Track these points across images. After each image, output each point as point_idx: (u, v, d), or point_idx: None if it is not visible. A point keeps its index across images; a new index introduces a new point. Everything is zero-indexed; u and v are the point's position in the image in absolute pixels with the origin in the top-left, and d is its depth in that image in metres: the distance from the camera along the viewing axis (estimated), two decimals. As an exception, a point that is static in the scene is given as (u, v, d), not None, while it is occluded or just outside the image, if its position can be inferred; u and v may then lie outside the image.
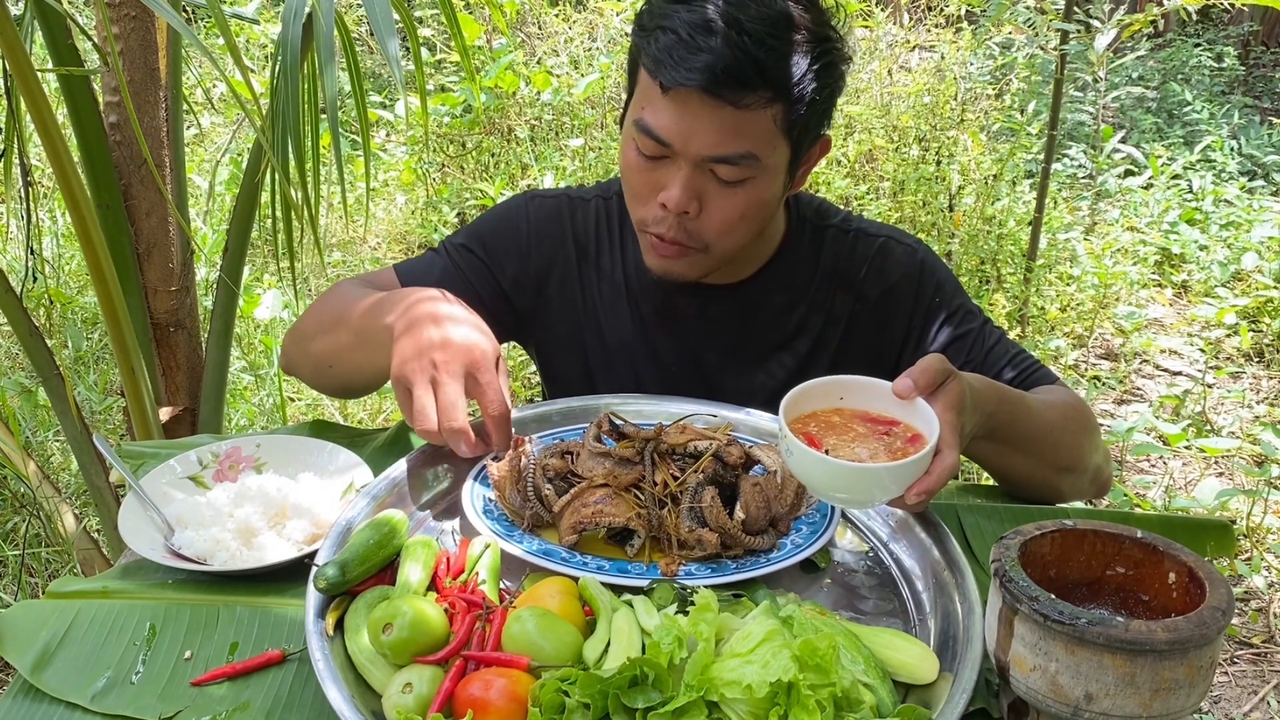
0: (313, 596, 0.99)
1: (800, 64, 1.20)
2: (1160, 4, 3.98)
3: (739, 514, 1.09)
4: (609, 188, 1.51)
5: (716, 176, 1.24)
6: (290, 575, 1.11)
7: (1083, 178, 5.33)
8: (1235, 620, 2.73)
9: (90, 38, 2.12)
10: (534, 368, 3.84)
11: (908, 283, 1.45)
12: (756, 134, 1.21)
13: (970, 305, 1.47)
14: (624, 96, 1.40)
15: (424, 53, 5.14)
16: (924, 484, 1.01)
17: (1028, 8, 5.15)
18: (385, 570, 1.05)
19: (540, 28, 5.46)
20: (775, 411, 1.44)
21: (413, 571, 1.02)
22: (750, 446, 1.21)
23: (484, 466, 1.21)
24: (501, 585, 1.05)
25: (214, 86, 5.32)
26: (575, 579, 1.01)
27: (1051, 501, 1.35)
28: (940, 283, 1.46)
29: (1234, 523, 2.87)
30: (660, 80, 1.20)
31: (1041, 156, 4.02)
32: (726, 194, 1.25)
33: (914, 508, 1.03)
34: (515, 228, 1.48)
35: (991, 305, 3.87)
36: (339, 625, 0.98)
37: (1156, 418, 3.52)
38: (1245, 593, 2.81)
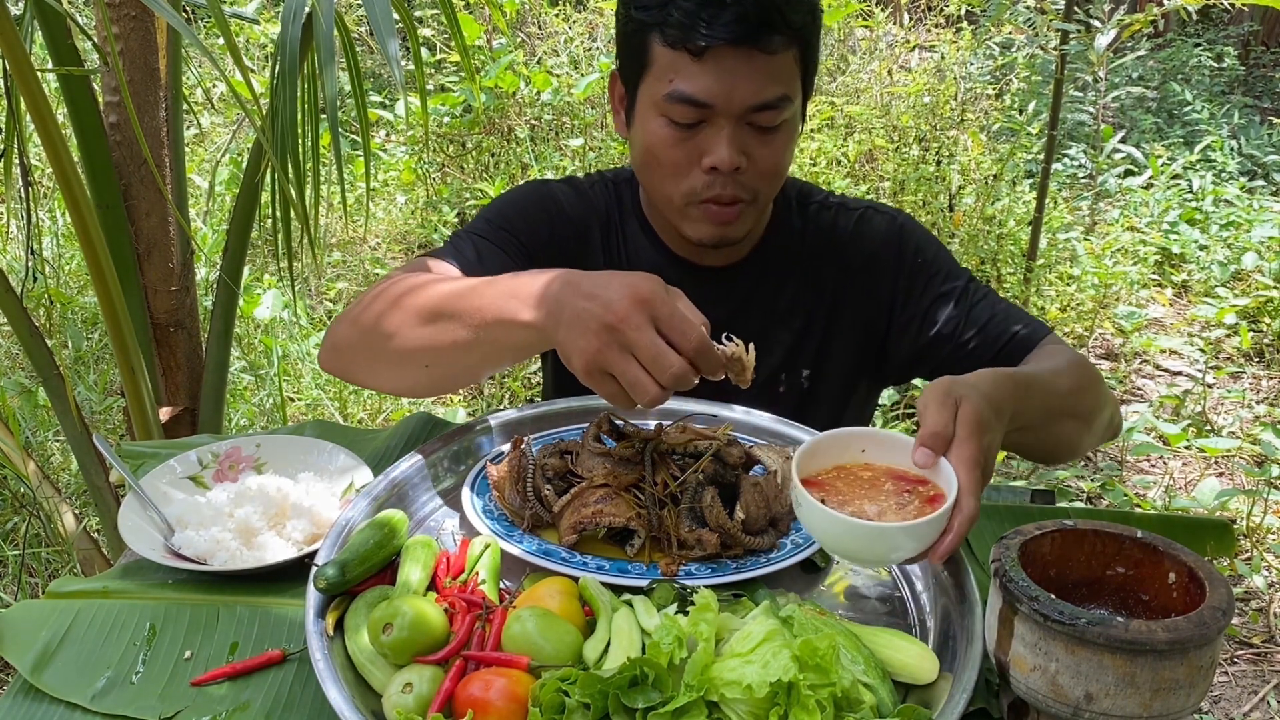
0: (312, 596, 0.99)
1: (806, 10, 1.27)
2: (1160, 4, 3.98)
3: (739, 514, 1.09)
4: (606, 175, 1.54)
5: (754, 127, 1.28)
6: (290, 575, 1.11)
7: (1083, 178, 5.33)
8: (1235, 620, 2.73)
9: (90, 38, 2.12)
10: (535, 366, 3.84)
11: (888, 248, 1.48)
12: (785, 76, 1.27)
13: (954, 264, 1.49)
14: (617, 88, 1.39)
15: (424, 53, 5.14)
16: (944, 544, 0.96)
17: (1028, 8, 5.15)
18: (385, 570, 1.05)
19: (540, 28, 5.46)
20: (778, 390, 1.47)
21: (413, 571, 1.02)
22: (750, 446, 1.21)
23: (484, 467, 1.21)
24: (501, 585, 1.05)
25: (214, 86, 5.32)
26: (575, 579, 1.01)
27: (1072, 457, 1.36)
28: (920, 245, 1.49)
29: (1234, 523, 2.88)
30: (689, 46, 1.23)
31: (1041, 156, 4.02)
32: (767, 141, 1.30)
33: (939, 560, 1.00)
34: (544, 208, 1.47)
35: (991, 305, 3.87)
36: (339, 625, 0.98)
37: (1156, 418, 3.52)
38: (1245, 593, 2.81)
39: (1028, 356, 1.37)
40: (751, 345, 1.04)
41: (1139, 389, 3.93)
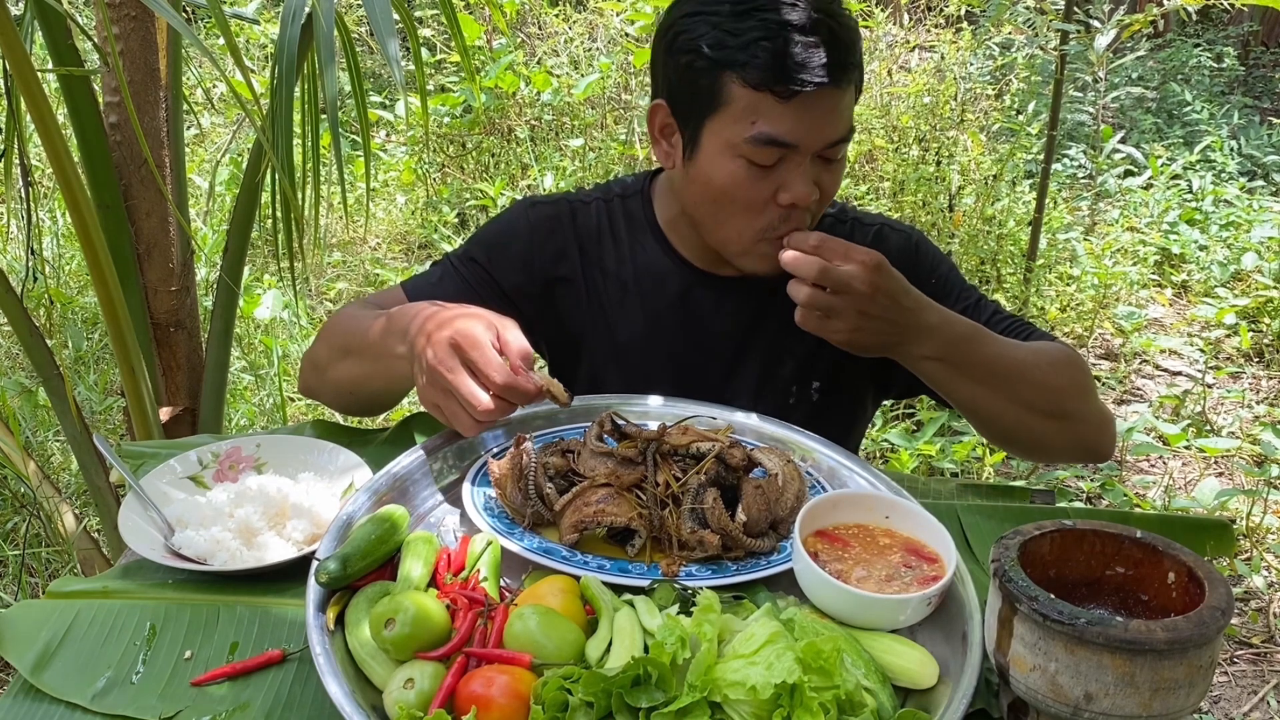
0: (313, 590, 0.99)
1: (860, 45, 1.30)
2: (1160, 4, 3.98)
3: (740, 516, 1.09)
4: (610, 189, 1.53)
5: (824, 159, 1.30)
6: (290, 575, 1.11)
7: (1083, 178, 5.34)
8: (1235, 620, 2.73)
9: (90, 38, 2.12)
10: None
11: (906, 266, 1.46)
12: (850, 109, 1.31)
13: (964, 283, 1.50)
14: (659, 119, 1.37)
15: (424, 53, 5.14)
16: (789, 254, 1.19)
17: (1028, 8, 5.15)
18: (386, 565, 1.05)
19: (540, 28, 5.47)
20: (788, 401, 1.47)
21: (414, 567, 1.02)
22: (752, 449, 1.21)
23: (485, 464, 1.21)
24: (502, 583, 1.05)
25: (214, 86, 5.33)
26: (576, 578, 1.02)
27: (1039, 450, 1.41)
28: (934, 265, 1.49)
29: (1234, 523, 2.88)
30: (777, 90, 1.23)
31: (1041, 156, 4.02)
32: (831, 170, 1.32)
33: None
34: (517, 235, 1.49)
35: (991, 305, 3.87)
36: (339, 620, 0.98)
37: (1156, 418, 3.52)
38: (1245, 593, 2.81)
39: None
40: (555, 380, 1.16)
41: (1139, 389, 3.93)
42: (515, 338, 1.15)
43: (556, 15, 5.41)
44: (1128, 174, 5.40)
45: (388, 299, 1.44)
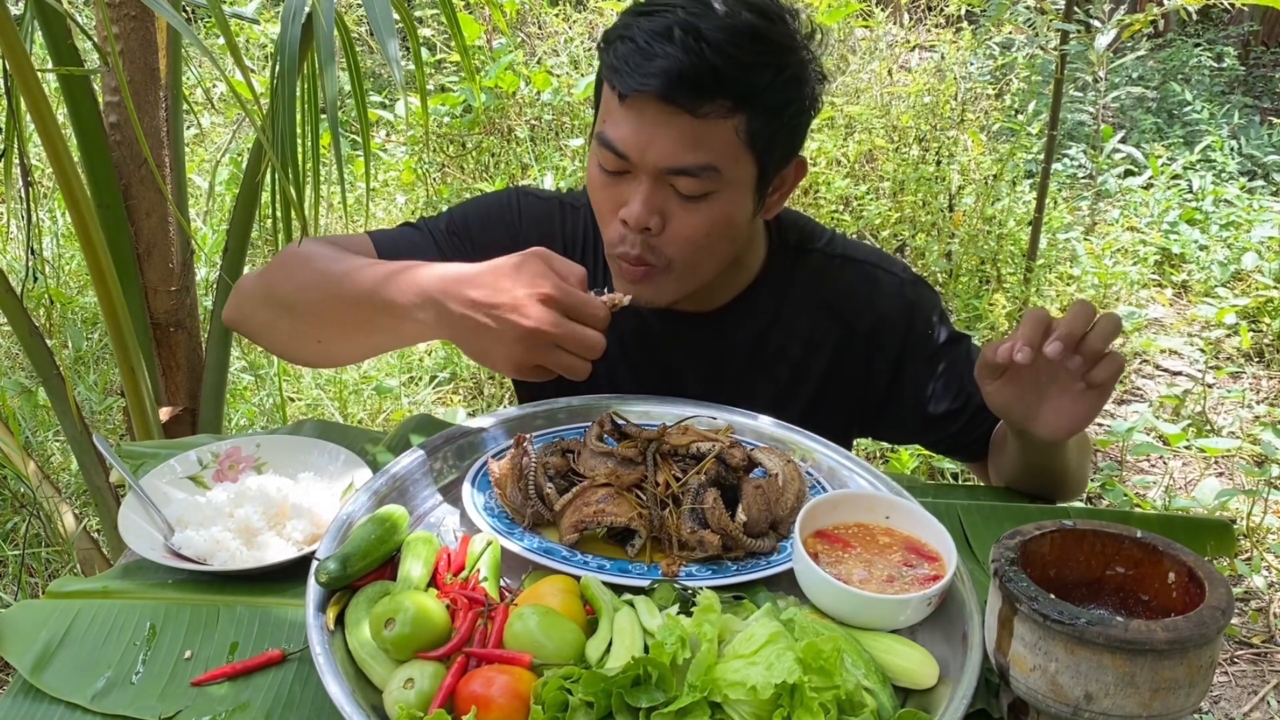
0: (313, 590, 0.99)
1: (764, 75, 1.18)
2: (1160, 4, 3.98)
3: (740, 516, 1.09)
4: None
5: (677, 191, 1.21)
6: (290, 575, 1.11)
7: (1083, 178, 5.33)
8: (1235, 620, 2.73)
9: (90, 38, 2.12)
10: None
11: (899, 316, 1.42)
12: (717, 146, 1.19)
13: (954, 331, 1.46)
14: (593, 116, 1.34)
15: (424, 53, 5.14)
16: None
17: (1028, 8, 5.15)
18: (386, 565, 1.05)
19: (540, 28, 5.47)
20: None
21: (414, 567, 1.02)
22: (752, 449, 1.21)
23: (485, 463, 1.21)
24: (502, 583, 1.05)
25: (214, 86, 5.32)
26: (576, 578, 1.02)
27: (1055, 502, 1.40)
28: (927, 316, 1.44)
29: (1234, 523, 2.88)
30: (618, 89, 1.18)
31: (1041, 156, 4.02)
32: (689, 209, 1.22)
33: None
34: (508, 221, 1.43)
35: (991, 305, 3.87)
36: (339, 620, 0.98)
37: (1156, 418, 3.52)
38: (1245, 593, 2.81)
39: None
40: (611, 295, 1.15)
41: (1139, 389, 3.93)
42: (566, 265, 1.11)
43: (556, 15, 5.41)
44: (1128, 174, 5.40)
45: (354, 245, 1.35)
